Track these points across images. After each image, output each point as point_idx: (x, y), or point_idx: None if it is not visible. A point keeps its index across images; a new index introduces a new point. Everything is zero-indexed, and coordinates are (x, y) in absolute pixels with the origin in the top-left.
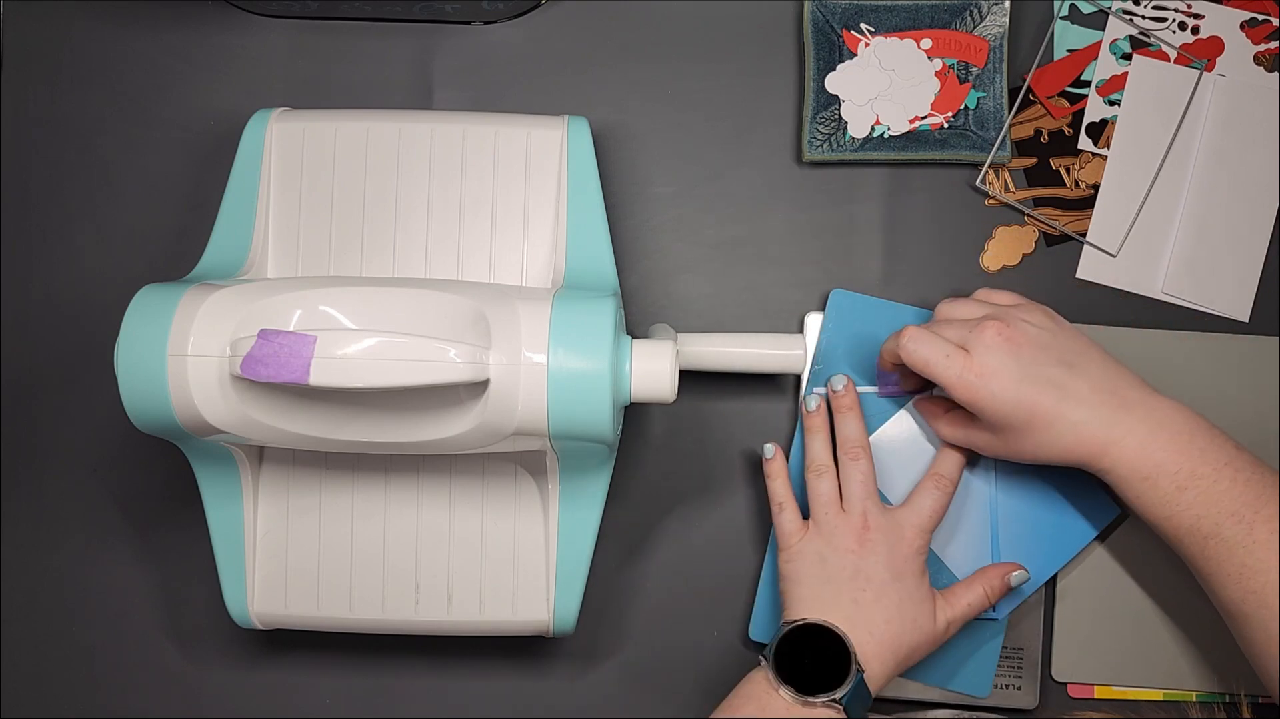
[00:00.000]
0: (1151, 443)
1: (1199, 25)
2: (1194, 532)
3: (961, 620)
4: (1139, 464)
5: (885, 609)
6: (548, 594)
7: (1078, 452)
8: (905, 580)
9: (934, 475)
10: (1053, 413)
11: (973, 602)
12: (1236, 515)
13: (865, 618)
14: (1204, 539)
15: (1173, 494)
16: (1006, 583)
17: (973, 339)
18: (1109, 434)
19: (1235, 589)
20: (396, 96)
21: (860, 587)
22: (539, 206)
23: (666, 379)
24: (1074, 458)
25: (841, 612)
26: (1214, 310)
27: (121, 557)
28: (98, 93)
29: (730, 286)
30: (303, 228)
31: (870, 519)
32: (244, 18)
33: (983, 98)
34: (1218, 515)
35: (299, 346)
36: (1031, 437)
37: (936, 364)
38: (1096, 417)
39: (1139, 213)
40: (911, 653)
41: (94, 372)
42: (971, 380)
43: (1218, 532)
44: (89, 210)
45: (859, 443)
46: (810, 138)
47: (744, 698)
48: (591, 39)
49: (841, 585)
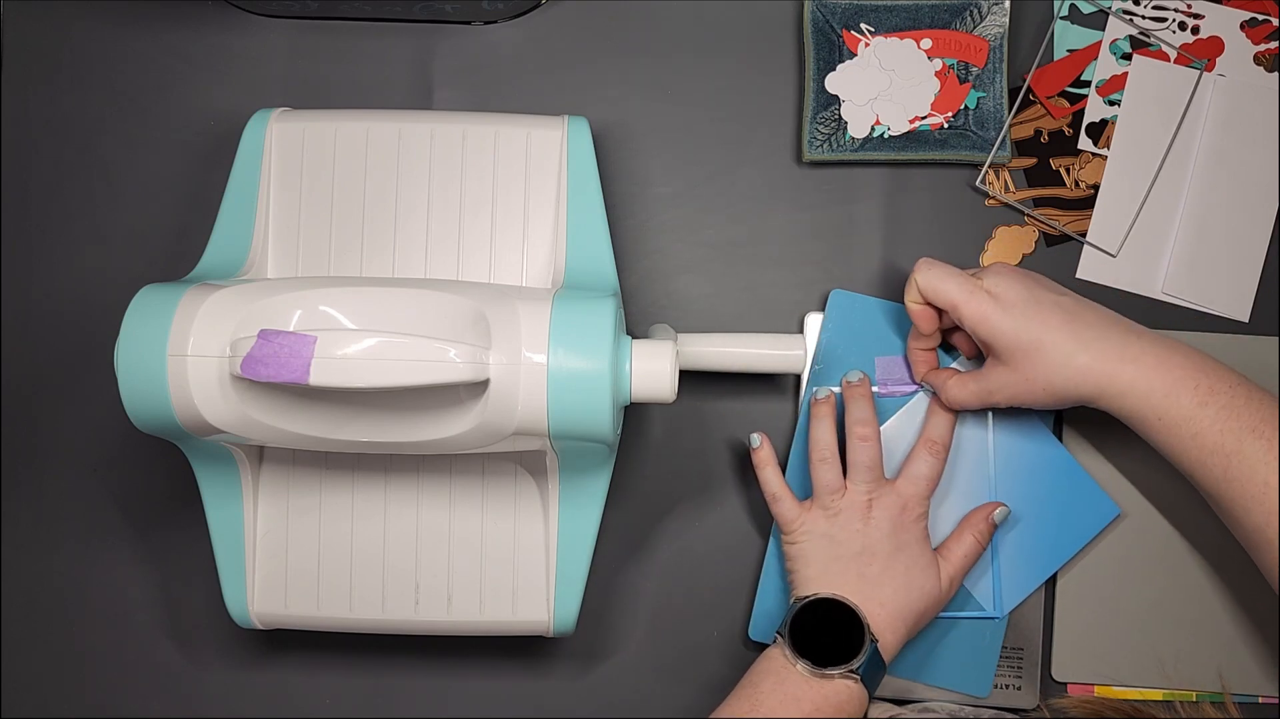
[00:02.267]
0: (1168, 361)
1: (1199, 25)
2: (1218, 450)
3: (961, 573)
4: (1159, 380)
5: (893, 580)
6: (548, 594)
7: (1094, 373)
8: (909, 549)
9: (926, 441)
10: (1065, 332)
11: (967, 552)
12: (1257, 431)
13: (874, 590)
14: (1228, 458)
15: (1196, 410)
16: (992, 522)
17: (983, 270)
18: (1124, 353)
19: (1260, 513)
20: (396, 96)
21: (866, 561)
22: (539, 206)
23: (666, 379)
24: (1090, 383)
25: (850, 586)
26: (1214, 310)
27: (121, 557)
28: (98, 93)
29: (730, 286)
30: (303, 228)
31: (874, 498)
32: (244, 18)
33: (983, 98)
34: (1240, 430)
35: (299, 347)
36: (1044, 360)
37: (949, 285)
38: (1108, 338)
39: (1139, 213)
40: (920, 618)
41: (94, 372)
42: (984, 299)
43: (1240, 448)
44: (89, 210)
45: (868, 424)
46: (810, 138)
47: (761, 674)
48: (591, 39)
49: (848, 562)
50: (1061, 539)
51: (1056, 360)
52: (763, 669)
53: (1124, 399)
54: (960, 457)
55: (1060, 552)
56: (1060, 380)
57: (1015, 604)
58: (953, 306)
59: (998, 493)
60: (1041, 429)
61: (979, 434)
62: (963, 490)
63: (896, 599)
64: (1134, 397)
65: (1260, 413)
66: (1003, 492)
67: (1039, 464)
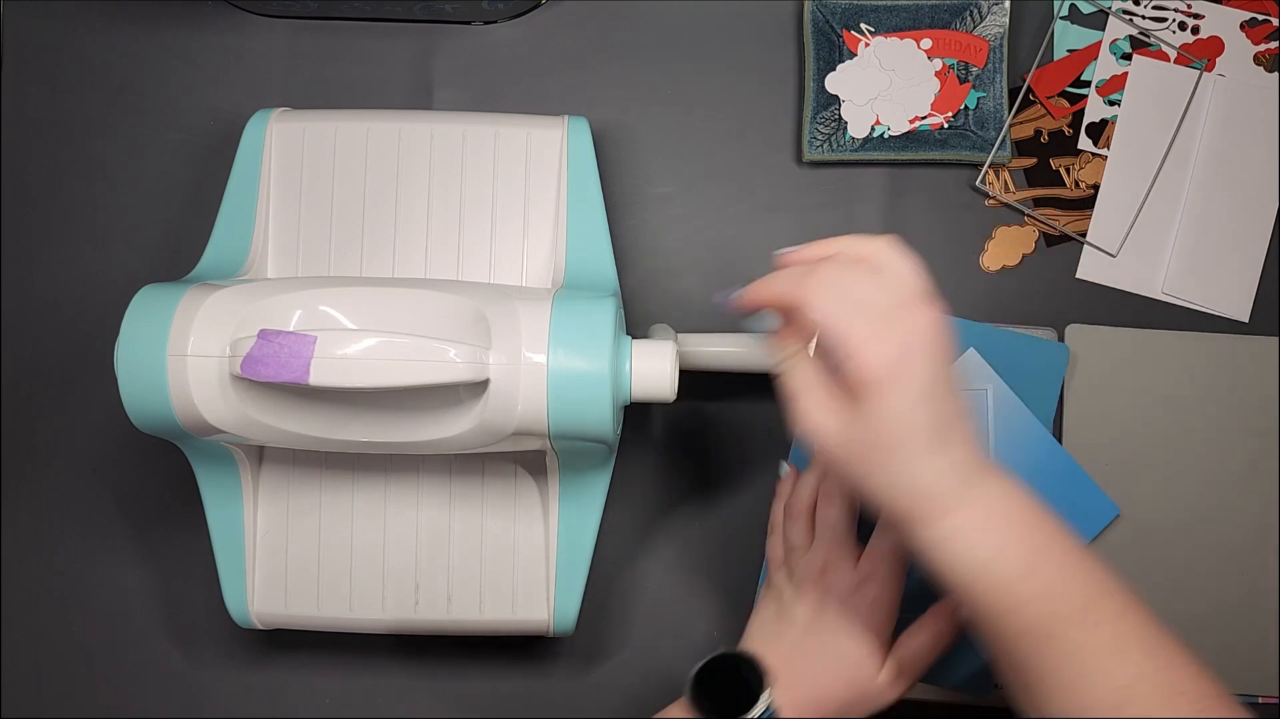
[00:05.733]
0: (1002, 515)
1: (1199, 25)
2: (1030, 632)
3: (911, 671)
4: (984, 540)
5: (819, 660)
6: (548, 594)
7: (920, 504)
8: (850, 633)
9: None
10: (926, 446)
11: (922, 646)
12: (1072, 619)
13: (795, 664)
14: (1036, 642)
15: (1014, 584)
16: (955, 622)
17: (901, 309)
18: (961, 497)
19: (1067, 701)
20: (396, 96)
21: (802, 632)
22: (539, 206)
23: (666, 379)
24: (906, 508)
25: (778, 653)
26: (1214, 310)
27: (121, 557)
28: (98, 93)
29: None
30: (302, 228)
31: (830, 565)
32: (244, 18)
33: (983, 98)
34: (1060, 611)
35: (299, 347)
36: (891, 459)
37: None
38: (962, 465)
39: (1139, 213)
40: (841, 709)
41: (94, 371)
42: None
43: (1065, 631)
44: (89, 210)
45: (832, 492)
46: (810, 138)
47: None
48: (591, 39)
49: (785, 627)
50: None
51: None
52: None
53: (936, 549)
54: None
55: None
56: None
57: None
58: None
59: None
60: (1040, 429)
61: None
62: None
63: (818, 681)
64: (947, 549)
65: (1081, 594)
66: None
67: (1039, 464)
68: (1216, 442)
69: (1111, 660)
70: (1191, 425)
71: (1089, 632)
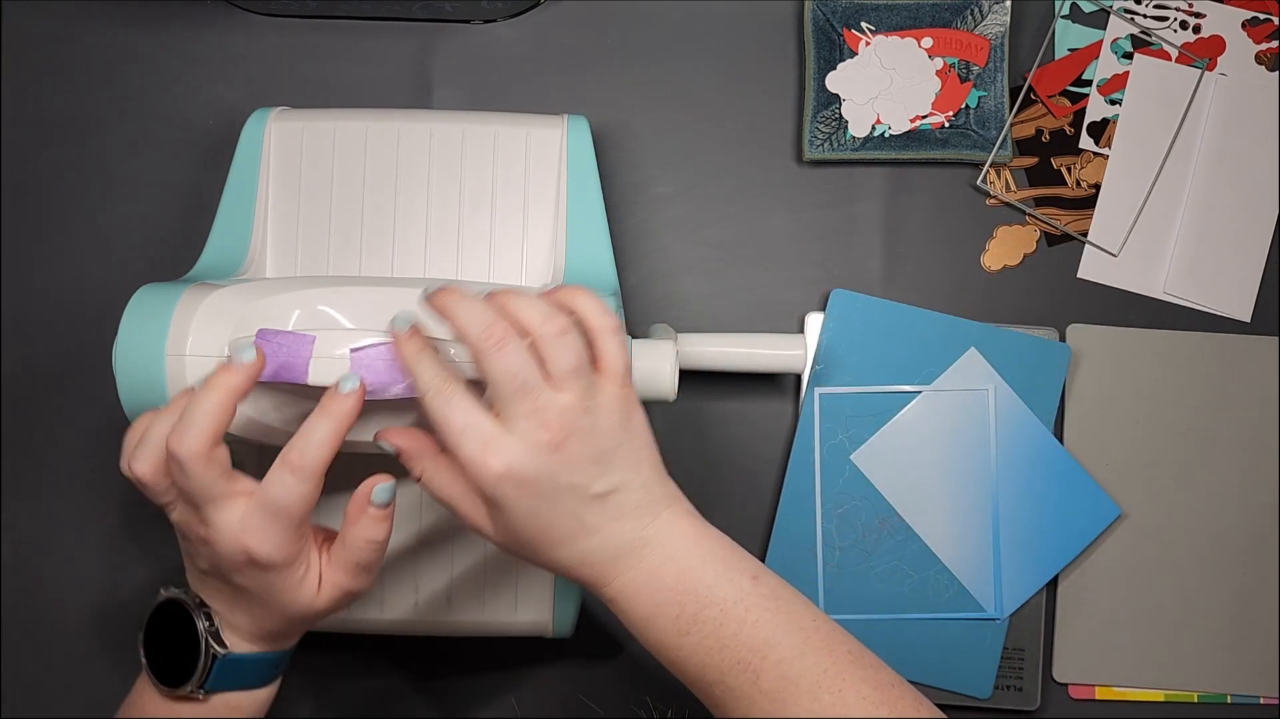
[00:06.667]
0: (656, 578)
1: (1200, 24)
2: (699, 680)
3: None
4: (639, 603)
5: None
6: (548, 595)
7: (581, 577)
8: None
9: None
10: (565, 537)
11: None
12: (743, 663)
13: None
14: (709, 686)
15: (675, 638)
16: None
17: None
18: (614, 567)
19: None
20: (396, 96)
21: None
22: (538, 206)
23: (667, 378)
24: (573, 578)
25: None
26: (1215, 310)
27: (121, 557)
28: (98, 93)
29: (730, 286)
30: (301, 227)
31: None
32: (244, 17)
33: (984, 97)
34: (722, 663)
35: (298, 346)
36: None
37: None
38: (608, 545)
39: (1140, 212)
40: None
41: (94, 371)
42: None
43: (722, 680)
44: (89, 210)
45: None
46: (811, 137)
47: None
48: (591, 39)
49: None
50: (1062, 540)
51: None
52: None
53: (611, 605)
54: (961, 458)
55: (1061, 553)
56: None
57: (1016, 606)
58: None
59: (999, 493)
60: (1041, 429)
61: (980, 435)
62: (964, 491)
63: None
64: (617, 609)
65: (751, 641)
66: (1003, 492)
67: (1039, 465)
68: (1217, 442)
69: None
70: (1192, 425)
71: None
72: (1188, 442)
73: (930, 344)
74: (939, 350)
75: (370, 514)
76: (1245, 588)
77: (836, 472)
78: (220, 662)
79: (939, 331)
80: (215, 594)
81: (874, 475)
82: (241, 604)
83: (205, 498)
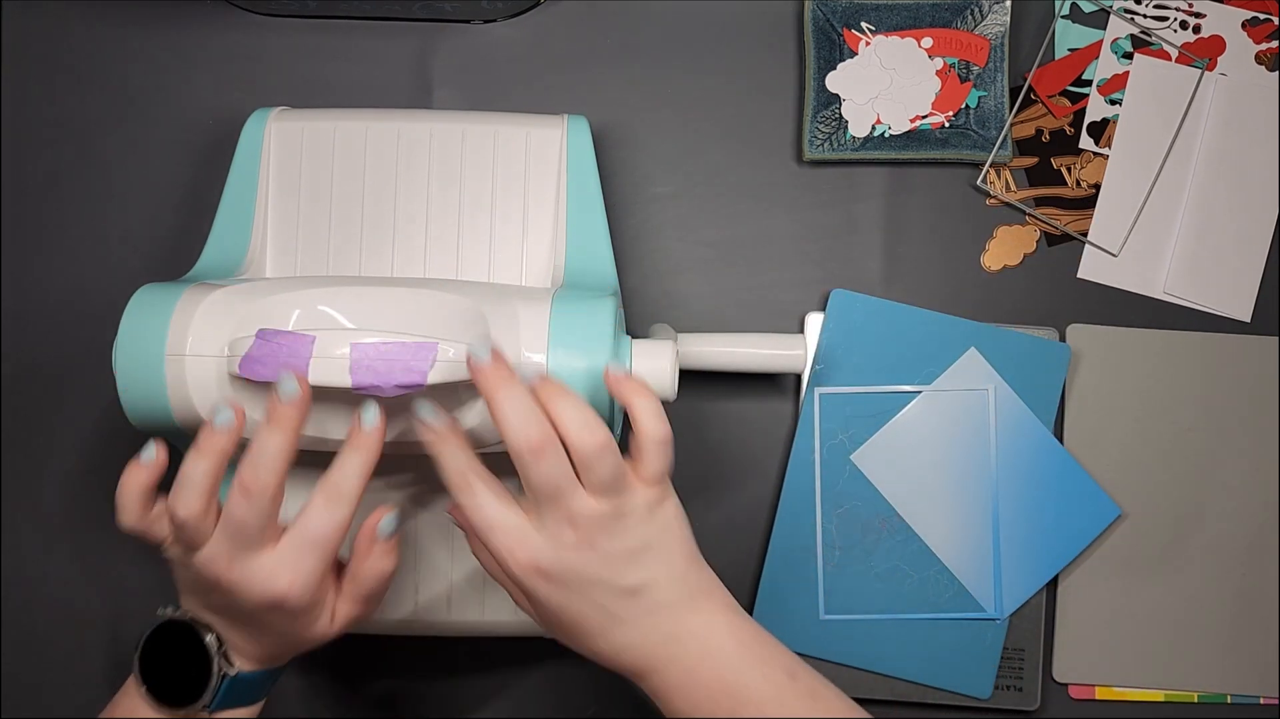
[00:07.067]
0: (692, 676)
1: (1200, 24)
2: None
3: (349, 602)
4: (677, 699)
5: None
6: None
7: (621, 666)
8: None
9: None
10: (597, 630)
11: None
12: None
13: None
14: None
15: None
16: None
17: (542, 512)
18: (650, 661)
19: None
20: (396, 96)
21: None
22: (538, 206)
23: (667, 379)
24: (612, 667)
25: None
26: (1215, 310)
27: (121, 557)
28: (98, 93)
29: (730, 286)
30: (301, 227)
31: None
32: (244, 17)
33: (984, 97)
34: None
35: (297, 346)
36: (575, 640)
37: (486, 532)
38: (644, 640)
39: (1140, 212)
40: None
41: (93, 371)
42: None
43: None
44: (89, 210)
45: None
46: (810, 137)
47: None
48: (591, 39)
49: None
50: (1062, 540)
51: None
52: (114, 706)
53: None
54: (961, 458)
55: (1061, 553)
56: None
57: (1016, 606)
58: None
59: (999, 493)
60: (1041, 429)
61: (980, 435)
62: (964, 491)
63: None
64: (658, 701)
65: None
66: (1003, 492)
67: (1039, 465)
68: (1217, 442)
69: None
70: (1192, 425)
71: None
72: (1188, 442)
73: (930, 344)
74: (939, 350)
75: (379, 547)
76: (1245, 588)
77: (836, 471)
78: (229, 681)
79: (939, 331)
80: (215, 619)
81: (874, 475)
82: (244, 630)
83: (255, 537)
